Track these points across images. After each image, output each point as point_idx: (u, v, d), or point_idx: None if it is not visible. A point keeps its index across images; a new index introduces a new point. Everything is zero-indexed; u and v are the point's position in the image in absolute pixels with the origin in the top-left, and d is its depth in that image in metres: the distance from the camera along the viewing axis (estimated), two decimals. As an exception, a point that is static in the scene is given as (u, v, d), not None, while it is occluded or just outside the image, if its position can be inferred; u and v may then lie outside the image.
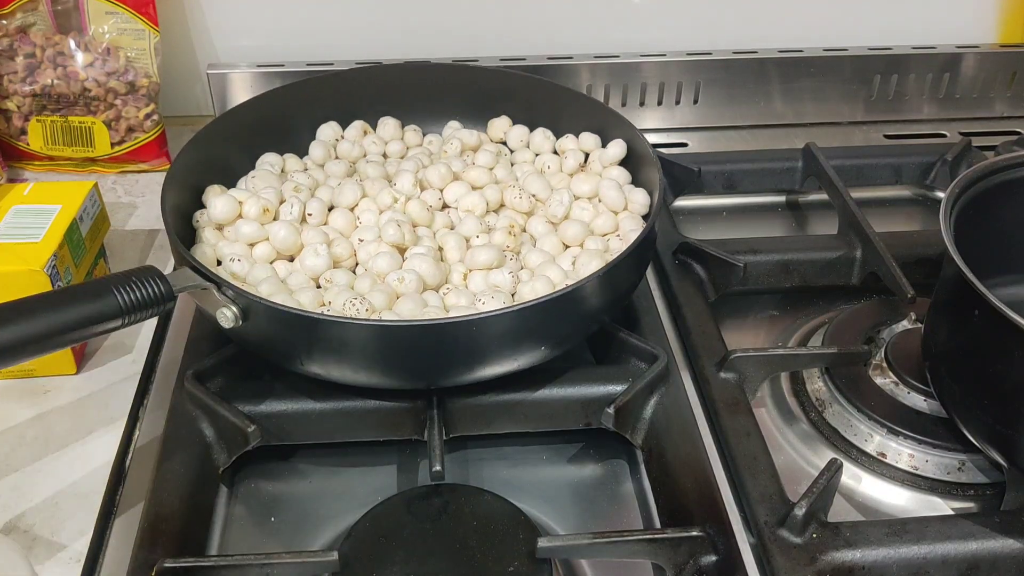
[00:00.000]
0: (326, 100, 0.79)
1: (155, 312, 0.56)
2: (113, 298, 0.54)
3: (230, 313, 0.56)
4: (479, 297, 0.61)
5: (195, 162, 0.69)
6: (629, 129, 0.74)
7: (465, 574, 0.52)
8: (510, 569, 0.52)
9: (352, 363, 0.57)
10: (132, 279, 0.55)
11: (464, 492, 0.57)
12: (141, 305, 0.55)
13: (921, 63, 0.99)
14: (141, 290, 0.55)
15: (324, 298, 0.61)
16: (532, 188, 0.71)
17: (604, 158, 0.74)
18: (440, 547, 0.53)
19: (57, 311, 0.52)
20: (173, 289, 0.56)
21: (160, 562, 0.50)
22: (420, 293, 0.61)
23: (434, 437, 0.58)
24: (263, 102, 0.77)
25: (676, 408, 0.62)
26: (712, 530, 0.54)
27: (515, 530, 0.54)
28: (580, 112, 0.78)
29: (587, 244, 0.67)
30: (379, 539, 0.54)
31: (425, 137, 0.80)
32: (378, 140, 0.78)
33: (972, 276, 0.52)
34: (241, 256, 0.63)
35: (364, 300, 0.59)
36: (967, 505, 0.61)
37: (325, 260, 0.63)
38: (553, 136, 0.78)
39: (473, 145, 0.78)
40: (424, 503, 0.56)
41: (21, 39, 0.84)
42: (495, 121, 0.80)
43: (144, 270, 0.56)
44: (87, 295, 0.54)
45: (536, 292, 0.61)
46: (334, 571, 0.52)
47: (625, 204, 0.70)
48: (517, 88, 0.80)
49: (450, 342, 0.56)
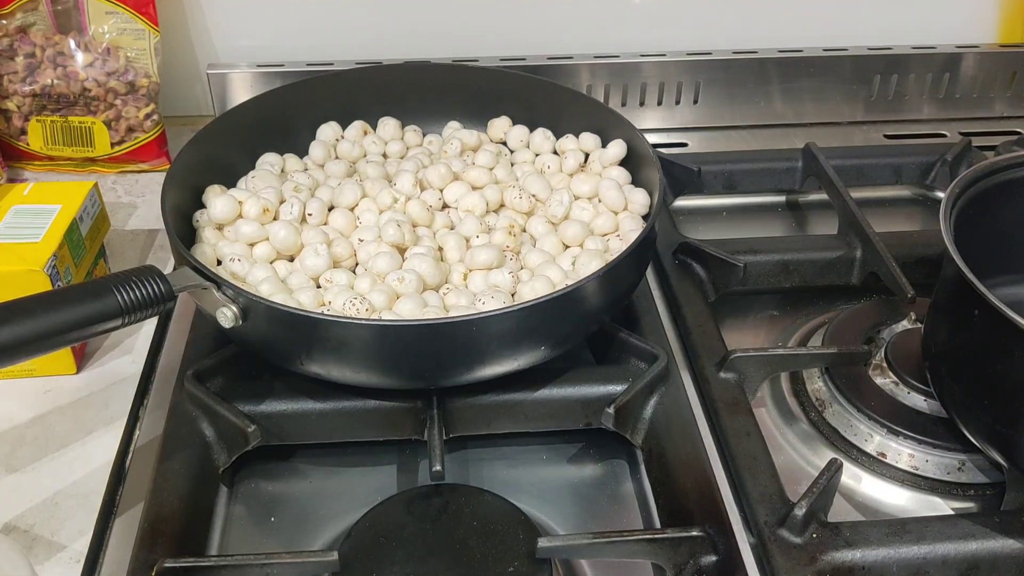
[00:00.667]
0: (326, 100, 0.79)
1: (155, 312, 0.56)
2: (113, 297, 0.54)
3: (230, 313, 0.56)
4: (479, 297, 0.61)
5: (195, 162, 0.69)
6: (629, 129, 0.74)
7: (465, 574, 0.52)
8: (510, 569, 0.52)
9: (352, 363, 0.57)
10: (132, 279, 0.55)
11: (464, 492, 0.57)
12: (141, 305, 0.55)
13: (921, 63, 0.99)
14: (141, 290, 0.55)
15: (324, 298, 0.61)
16: (532, 188, 0.71)
17: (604, 158, 0.74)
18: (440, 547, 0.53)
19: (57, 311, 0.52)
20: (173, 289, 0.56)
21: (160, 562, 0.50)
22: (420, 293, 0.61)
23: (434, 437, 0.58)
24: (263, 102, 0.77)
25: (676, 408, 0.62)
26: (712, 530, 0.54)
27: (515, 530, 0.54)
28: (580, 112, 0.78)
29: (587, 244, 0.67)
30: (379, 539, 0.54)
31: (425, 137, 0.80)
32: (378, 140, 0.78)
33: (972, 276, 0.52)
34: (241, 256, 0.63)
35: (364, 300, 0.59)
36: (967, 505, 0.60)
37: (325, 260, 0.63)
38: (553, 136, 0.78)
39: (473, 145, 0.78)
40: (424, 503, 0.56)
41: (21, 39, 0.84)
42: (495, 121, 0.80)
43: (144, 270, 0.56)
44: (87, 295, 0.54)
45: (536, 292, 0.61)
46: (334, 571, 0.51)
47: (625, 204, 0.70)
48: (517, 88, 0.80)
49: (450, 342, 0.56)
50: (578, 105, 0.78)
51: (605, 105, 0.80)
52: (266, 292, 0.59)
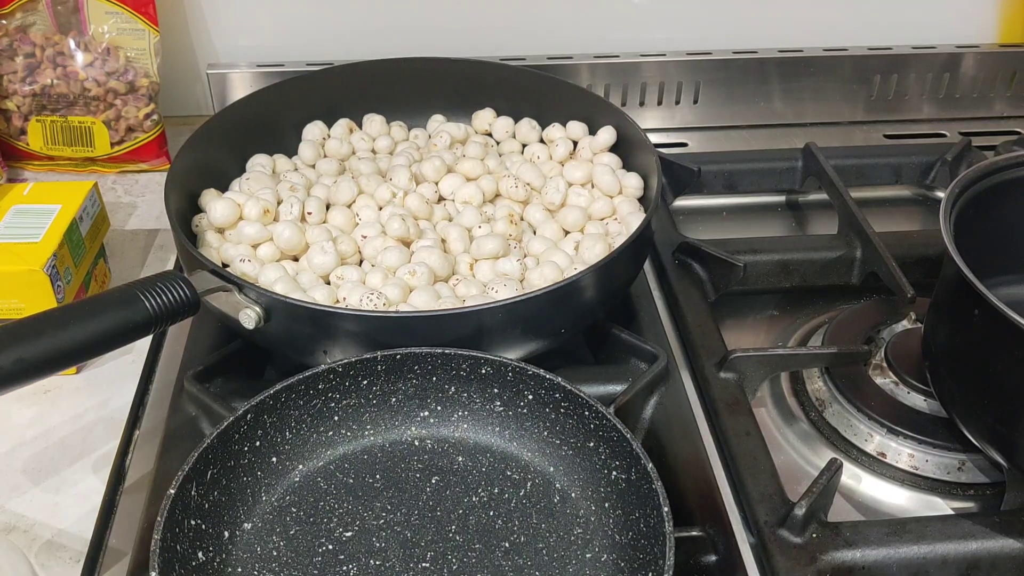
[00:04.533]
0: (308, 100, 0.79)
1: (182, 318, 0.56)
2: (142, 304, 0.53)
3: (253, 314, 0.56)
4: (490, 286, 0.61)
5: (190, 166, 0.69)
6: (617, 114, 0.74)
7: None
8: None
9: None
10: (157, 285, 0.55)
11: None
12: (170, 312, 0.54)
13: (921, 63, 0.99)
14: (168, 296, 0.54)
15: (337, 295, 0.61)
16: (526, 177, 0.72)
17: (594, 145, 0.75)
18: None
19: (88, 321, 0.52)
20: (198, 292, 0.56)
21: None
22: (432, 285, 0.62)
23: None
24: (247, 105, 0.77)
25: (676, 408, 0.62)
26: (712, 530, 0.54)
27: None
28: (564, 100, 0.78)
29: (588, 229, 0.68)
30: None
31: (411, 132, 0.81)
32: (366, 137, 0.79)
33: (972, 276, 0.52)
34: (250, 257, 0.64)
35: (380, 295, 0.59)
36: (967, 505, 0.61)
37: (333, 257, 0.64)
38: (539, 126, 0.79)
39: (460, 138, 0.78)
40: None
41: (21, 39, 0.83)
42: (479, 113, 0.81)
43: (167, 275, 0.56)
44: (116, 304, 0.53)
45: (545, 277, 0.62)
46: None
47: (620, 188, 0.70)
48: (500, 79, 0.81)
49: (474, 331, 0.57)
50: (562, 93, 0.78)
51: (590, 92, 0.80)
52: (282, 291, 0.59)
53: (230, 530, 0.52)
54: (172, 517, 0.48)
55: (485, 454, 0.57)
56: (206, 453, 0.51)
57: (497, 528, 0.53)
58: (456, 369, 0.57)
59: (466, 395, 0.58)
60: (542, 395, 0.56)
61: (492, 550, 0.52)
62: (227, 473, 0.53)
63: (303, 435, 0.56)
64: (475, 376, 0.57)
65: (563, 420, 0.56)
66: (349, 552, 0.52)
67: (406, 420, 0.59)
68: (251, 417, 0.54)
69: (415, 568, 0.51)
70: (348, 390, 0.57)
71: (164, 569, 0.46)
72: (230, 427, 0.53)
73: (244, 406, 0.54)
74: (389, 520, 0.53)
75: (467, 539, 0.52)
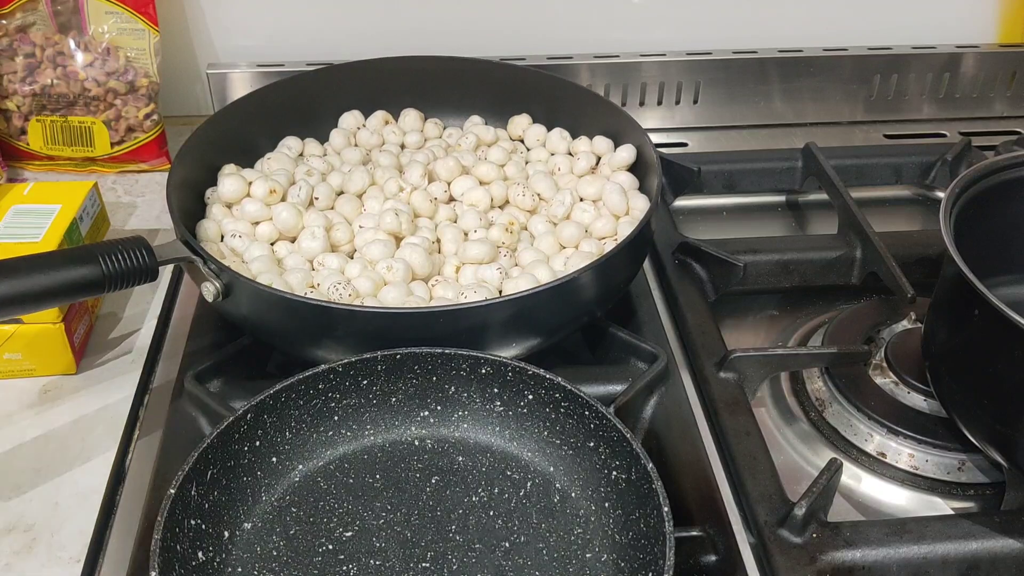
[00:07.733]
0: (352, 88, 0.80)
1: (139, 281, 0.58)
2: (98, 265, 0.56)
3: (212, 288, 0.58)
4: (464, 291, 0.61)
5: (216, 137, 0.70)
6: (641, 135, 0.74)
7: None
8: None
9: (326, 346, 0.58)
10: (119, 248, 0.57)
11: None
12: (125, 274, 0.57)
13: (921, 63, 0.99)
14: (126, 259, 0.57)
15: (314, 280, 0.62)
16: (537, 187, 0.72)
17: (613, 161, 0.75)
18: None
19: (43, 273, 0.55)
20: (158, 260, 0.58)
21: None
22: (408, 282, 0.62)
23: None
24: (290, 85, 0.78)
25: (676, 408, 0.62)
26: (712, 530, 0.54)
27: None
28: (599, 115, 0.78)
29: (582, 246, 0.67)
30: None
31: (446, 130, 0.81)
32: (398, 130, 0.80)
33: (972, 276, 0.52)
34: (243, 233, 0.65)
35: (349, 285, 0.60)
36: (967, 505, 0.61)
37: (321, 243, 0.64)
38: (570, 137, 0.79)
39: (489, 141, 0.78)
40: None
41: (21, 39, 0.83)
42: (516, 118, 0.81)
43: (132, 240, 0.58)
44: (73, 260, 0.56)
45: (518, 289, 0.61)
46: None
47: (627, 209, 0.70)
48: (542, 87, 0.81)
49: (417, 332, 0.57)
50: (597, 108, 0.78)
51: (623, 110, 0.80)
52: (256, 270, 0.61)
53: (230, 530, 0.52)
54: (172, 517, 0.48)
55: (485, 454, 0.57)
56: (206, 453, 0.51)
57: (497, 528, 0.53)
58: (456, 369, 0.57)
59: (466, 395, 0.58)
60: (542, 395, 0.56)
61: (492, 550, 0.52)
62: (227, 473, 0.53)
63: (303, 435, 0.56)
64: (475, 376, 0.57)
65: (563, 420, 0.56)
66: (349, 552, 0.52)
67: (406, 420, 0.59)
68: (251, 417, 0.54)
69: (415, 568, 0.51)
70: (348, 390, 0.57)
71: (164, 569, 0.46)
72: (230, 427, 0.53)
73: (244, 406, 0.54)
74: (389, 520, 0.53)
75: (467, 539, 0.52)
